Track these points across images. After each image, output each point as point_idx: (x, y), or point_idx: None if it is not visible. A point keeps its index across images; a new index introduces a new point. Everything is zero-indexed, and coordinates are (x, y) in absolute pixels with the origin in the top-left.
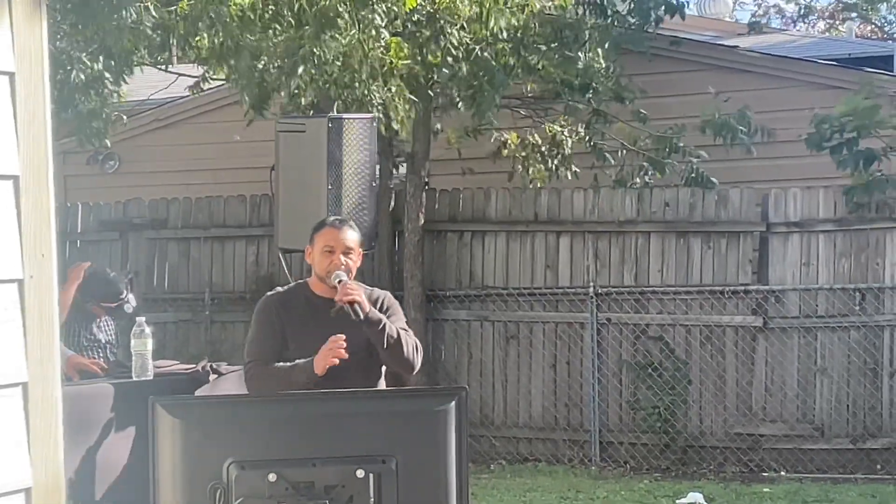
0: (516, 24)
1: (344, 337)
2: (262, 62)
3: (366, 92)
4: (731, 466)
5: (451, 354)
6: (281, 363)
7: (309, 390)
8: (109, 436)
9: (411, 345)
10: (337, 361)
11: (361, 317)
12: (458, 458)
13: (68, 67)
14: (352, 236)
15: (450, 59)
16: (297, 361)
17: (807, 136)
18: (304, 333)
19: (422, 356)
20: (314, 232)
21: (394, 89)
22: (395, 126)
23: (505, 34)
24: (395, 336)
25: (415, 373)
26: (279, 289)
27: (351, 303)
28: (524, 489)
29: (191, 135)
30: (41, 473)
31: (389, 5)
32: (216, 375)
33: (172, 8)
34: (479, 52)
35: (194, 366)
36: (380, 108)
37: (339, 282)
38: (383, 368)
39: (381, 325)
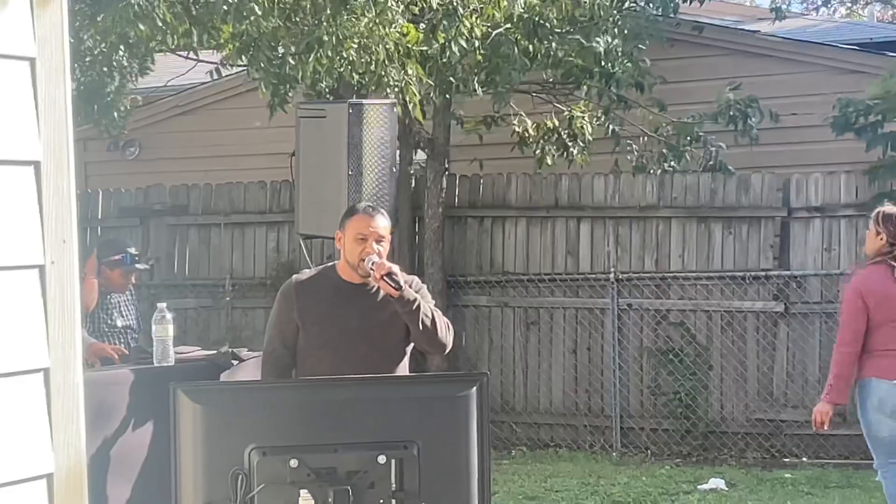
0: (534, 5)
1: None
2: (281, 51)
3: (382, 74)
4: (753, 452)
5: (472, 340)
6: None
7: (331, 377)
8: (130, 421)
9: (443, 324)
10: None
11: (400, 286)
12: (480, 444)
13: (87, 59)
14: (384, 224)
15: (462, 42)
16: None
17: (832, 119)
18: (329, 318)
19: (452, 336)
20: (346, 218)
21: (410, 71)
22: (411, 109)
23: (521, 17)
24: (430, 316)
25: (446, 352)
26: (306, 271)
27: (389, 273)
28: (545, 475)
29: (211, 121)
30: (63, 459)
31: None
32: (237, 362)
33: None
34: (495, 37)
35: (215, 351)
36: (396, 91)
37: (373, 263)
38: (407, 352)
39: (415, 304)
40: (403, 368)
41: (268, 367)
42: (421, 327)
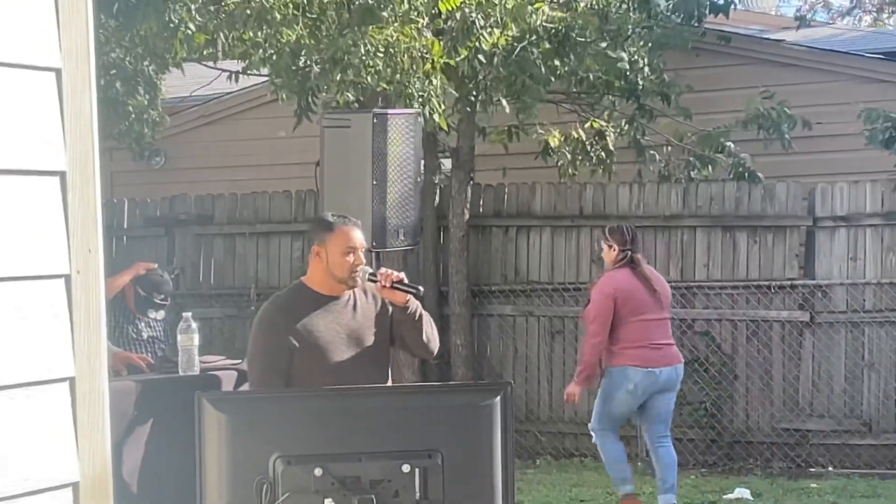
0: (557, 18)
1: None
2: (304, 61)
3: (407, 83)
4: (778, 462)
5: (496, 349)
6: None
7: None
8: (155, 430)
9: (435, 329)
10: None
11: (418, 291)
12: (504, 453)
13: (112, 71)
14: (362, 235)
15: (482, 56)
16: None
17: (868, 133)
18: (316, 333)
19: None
20: (324, 231)
21: (435, 81)
22: (436, 119)
23: (545, 30)
24: (430, 323)
25: (434, 355)
26: (279, 295)
27: (400, 281)
28: (570, 484)
29: (236, 131)
30: (88, 468)
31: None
32: None
33: (216, 7)
34: (519, 52)
35: (240, 361)
36: (420, 100)
37: (372, 274)
38: (391, 357)
39: (419, 313)
40: (388, 373)
41: None
42: (424, 337)
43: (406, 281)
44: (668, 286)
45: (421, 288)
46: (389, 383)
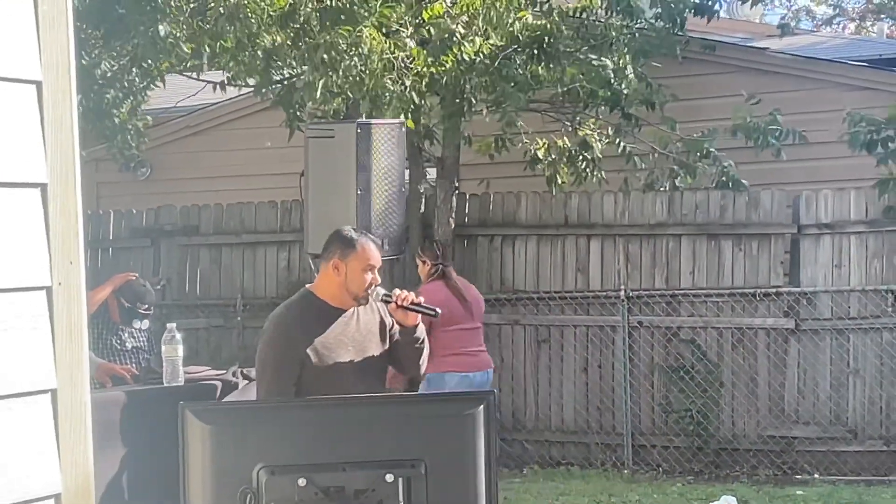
0: (538, 26)
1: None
2: (287, 73)
3: (379, 86)
4: (764, 469)
5: None
6: None
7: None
8: (139, 441)
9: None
10: None
11: (434, 312)
12: (488, 462)
13: (100, 82)
14: (379, 251)
15: (464, 66)
16: None
17: (848, 136)
18: (329, 347)
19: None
20: (346, 248)
21: (408, 83)
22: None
23: (527, 38)
24: (426, 346)
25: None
26: (289, 305)
27: (416, 304)
28: (557, 493)
29: (221, 141)
30: (70, 479)
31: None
32: (246, 381)
33: (202, 18)
34: (501, 60)
35: (225, 372)
36: (391, 105)
37: (387, 294)
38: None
39: (422, 339)
40: (385, 383)
41: None
42: (421, 360)
43: (421, 302)
44: (480, 296)
45: (438, 310)
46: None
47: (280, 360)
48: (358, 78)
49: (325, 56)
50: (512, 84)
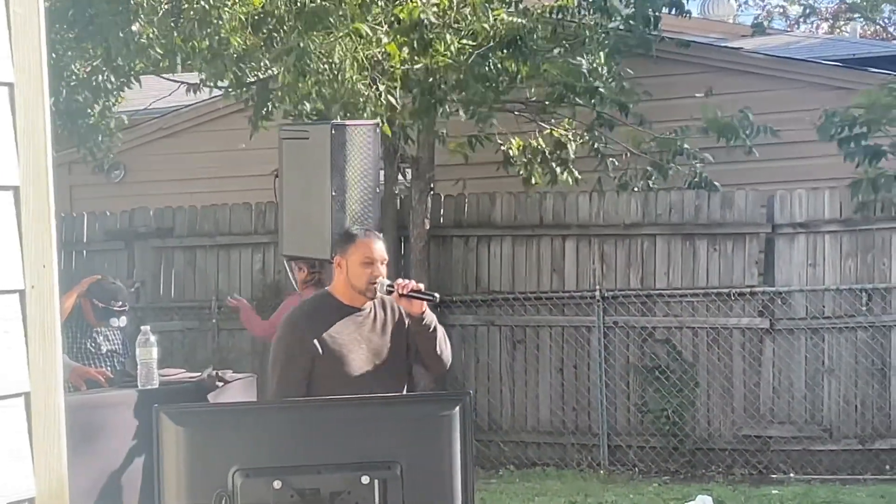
0: (513, 24)
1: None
2: (260, 72)
3: (352, 93)
4: (740, 468)
5: (459, 359)
6: None
7: (315, 398)
8: (116, 444)
9: (446, 341)
10: None
11: (435, 298)
12: (464, 463)
13: (73, 83)
14: (383, 247)
15: (439, 63)
16: None
17: (818, 126)
18: (339, 342)
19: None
20: (346, 243)
21: (382, 88)
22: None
23: (502, 35)
24: (444, 335)
25: (447, 369)
26: (305, 302)
27: (416, 290)
28: (533, 493)
29: (195, 143)
30: (44, 483)
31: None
32: (221, 383)
33: (175, 20)
34: (475, 57)
35: (200, 374)
36: (369, 107)
37: (389, 285)
38: (410, 370)
39: (434, 324)
40: (405, 386)
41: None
42: (438, 349)
43: (423, 289)
44: None
45: (437, 295)
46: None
47: (289, 355)
48: (329, 86)
49: (296, 63)
50: (486, 83)
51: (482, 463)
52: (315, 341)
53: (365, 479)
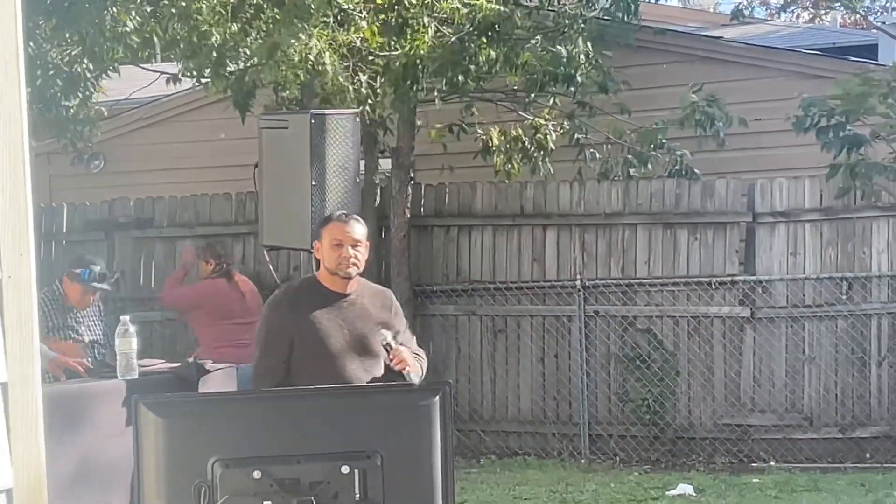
0: (492, 9)
1: (409, 352)
2: (238, 62)
3: (332, 77)
4: (721, 457)
5: (439, 349)
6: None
7: (295, 387)
8: (96, 434)
9: (424, 370)
10: None
11: (412, 384)
12: (444, 453)
13: (51, 72)
14: (359, 229)
15: (420, 49)
16: None
17: (794, 118)
18: (320, 326)
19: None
20: (321, 227)
21: (363, 77)
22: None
23: (480, 21)
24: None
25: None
26: (291, 284)
27: (402, 369)
28: (514, 483)
29: (175, 133)
30: (22, 475)
31: None
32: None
33: (152, 8)
34: (456, 44)
35: (180, 364)
36: (348, 99)
37: (387, 344)
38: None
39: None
40: (384, 372)
41: (265, 382)
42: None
43: (409, 373)
44: (258, 294)
45: (416, 383)
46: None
47: (269, 336)
48: (306, 76)
49: (271, 53)
50: (465, 71)
51: (463, 452)
52: (295, 324)
53: (345, 469)
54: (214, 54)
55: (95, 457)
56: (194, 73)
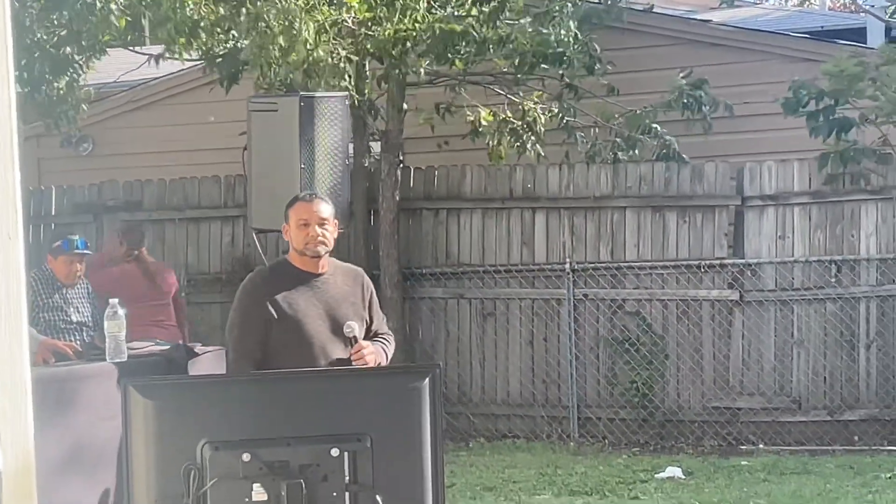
0: None
1: (371, 350)
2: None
3: (311, 52)
4: (709, 440)
5: (428, 332)
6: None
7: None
8: (85, 417)
9: (390, 354)
10: None
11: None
12: (433, 435)
13: (36, 54)
14: (325, 208)
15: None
16: None
17: (783, 100)
18: (296, 307)
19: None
20: (287, 208)
21: (343, 52)
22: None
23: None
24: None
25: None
26: (264, 267)
27: (362, 363)
28: (503, 466)
29: (165, 116)
30: (11, 458)
31: None
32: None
33: None
34: (446, 21)
35: (168, 347)
36: (327, 74)
37: (353, 337)
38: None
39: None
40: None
41: (242, 365)
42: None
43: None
44: (172, 277)
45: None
46: None
47: (245, 320)
48: (288, 53)
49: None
50: (456, 50)
51: (452, 435)
52: (270, 306)
53: (334, 452)
54: (202, 30)
55: (84, 439)
56: (180, 54)
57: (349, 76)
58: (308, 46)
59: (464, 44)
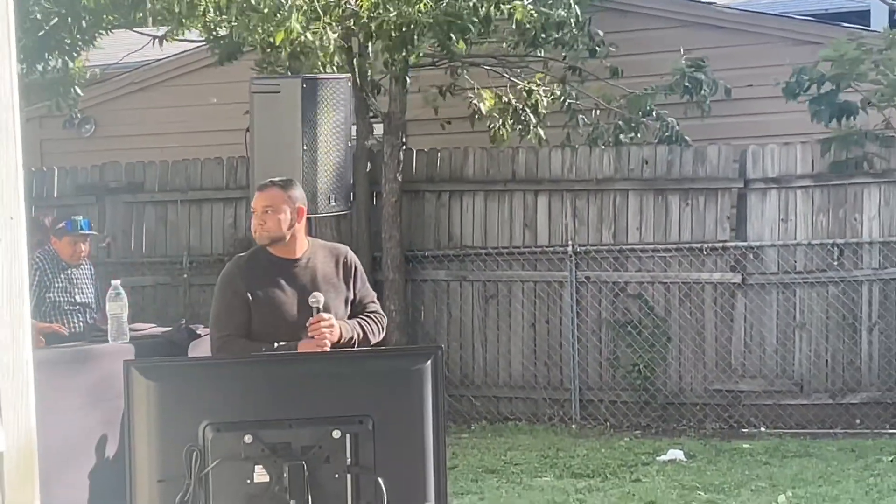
0: None
1: (329, 323)
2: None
3: (299, 36)
4: (711, 423)
5: (431, 315)
6: (257, 343)
7: (285, 352)
8: (89, 399)
9: (375, 331)
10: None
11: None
12: (435, 417)
13: (39, 33)
14: (274, 194)
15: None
16: (280, 345)
17: (784, 84)
18: (269, 292)
19: (384, 325)
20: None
21: (332, 35)
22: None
23: None
24: (373, 331)
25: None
26: (238, 257)
27: (318, 336)
28: (504, 448)
29: (167, 97)
30: (13, 439)
31: None
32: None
33: None
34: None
35: (171, 329)
36: (313, 56)
37: (317, 308)
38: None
39: (355, 339)
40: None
41: (225, 352)
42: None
43: (325, 342)
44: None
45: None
46: None
47: (224, 310)
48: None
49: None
50: (462, 30)
51: (454, 417)
52: (248, 294)
53: (336, 434)
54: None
55: (88, 421)
56: (182, 33)
57: (340, 59)
58: (297, 30)
59: (469, 25)
